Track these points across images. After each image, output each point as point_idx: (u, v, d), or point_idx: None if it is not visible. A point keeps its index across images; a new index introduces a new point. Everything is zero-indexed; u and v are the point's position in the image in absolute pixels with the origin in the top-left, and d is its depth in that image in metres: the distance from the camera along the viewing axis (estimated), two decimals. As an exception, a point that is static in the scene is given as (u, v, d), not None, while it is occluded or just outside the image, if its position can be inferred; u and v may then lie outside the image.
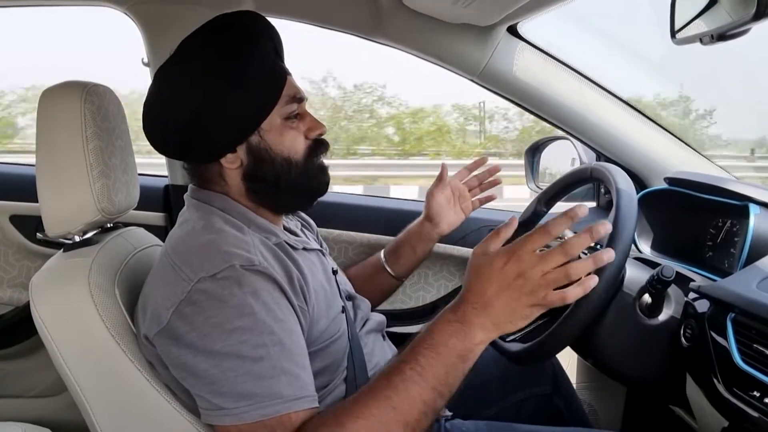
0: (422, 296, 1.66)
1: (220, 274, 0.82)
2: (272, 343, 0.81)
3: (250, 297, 0.82)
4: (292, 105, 0.95)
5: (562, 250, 0.77)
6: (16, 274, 1.58)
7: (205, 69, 0.89)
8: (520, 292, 0.78)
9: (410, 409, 0.78)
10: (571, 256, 0.77)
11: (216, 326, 0.81)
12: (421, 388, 0.79)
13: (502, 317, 0.79)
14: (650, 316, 1.06)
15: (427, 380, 0.79)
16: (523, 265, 0.78)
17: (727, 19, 0.84)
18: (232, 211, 0.94)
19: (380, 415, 0.78)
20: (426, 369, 0.79)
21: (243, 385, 0.80)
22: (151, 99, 0.93)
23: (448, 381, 0.80)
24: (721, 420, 0.95)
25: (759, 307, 0.89)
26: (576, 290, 0.78)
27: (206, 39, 0.92)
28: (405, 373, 0.79)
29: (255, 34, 0.93)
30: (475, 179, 1.34)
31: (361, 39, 1.49)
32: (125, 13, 1.43)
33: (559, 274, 0.77)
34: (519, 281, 0.78)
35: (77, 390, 0.94)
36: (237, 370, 0.80)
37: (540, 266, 0.77)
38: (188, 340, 0.82)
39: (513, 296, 0.78)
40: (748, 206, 1.14)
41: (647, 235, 1.42)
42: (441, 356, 0.79)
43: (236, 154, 0.93)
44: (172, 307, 0.83)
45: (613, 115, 1.50)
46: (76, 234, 1.01)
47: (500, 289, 0.78)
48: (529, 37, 1.47)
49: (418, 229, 1.31)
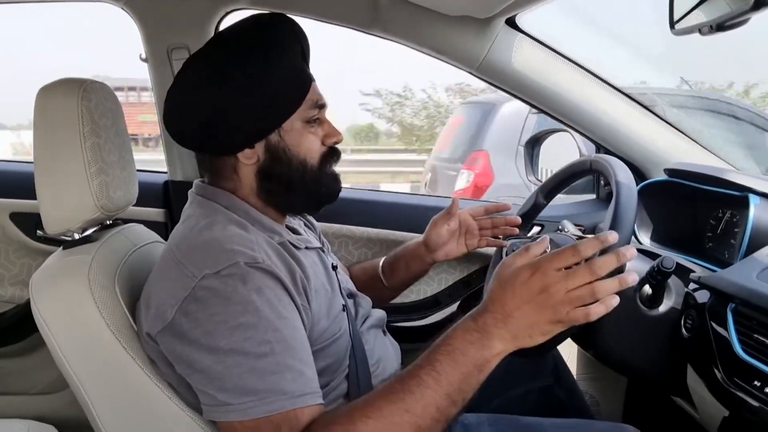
0: (423, 289, 1.66)
1: (225, 271, 0.82)
2: (276, 339, 0.82)
3: (254, 294, 0.82)
4: (314, 110, 0.96)
5: (589, 270, 0.76)
6: (17, 271, 1.59)
7: (235, 66, 0.90)
8: (543, 307, 0.77)
9: (423, 414, 0.78)
10: (597, 276, 0.76)
11: (220, 323, 0.81)
12: (436, 394, 0.78)
13: (521, 330, 0.79)
14: (651, 308, 1.06)
15: (442, 386, 0.78)
16: (548, 280, 0.77)
17: (726, 9, 0.84)
18: (236, 209, 0.95)
19: (392, 417, 0.78)
20: (442, 375, 0.78)
21: (247, 381, 0.80)
22: (177, 87, 0.94)
23: (462, 389, 0.79)
24: (722, 410, 0.95)
25: (759, 298, 0.89)
26: (599, 308, 0.76)
27: (238, 37, 0.94)
28: (420, 377, 0.79)
29: (286, 37, 0.94)
30: (489, 221, 1.29)
31: (359, 32, 1.49)
32: (122, 8, 1.42)
33: (584, 292, 0.76)
34: (542, 296, 0.77)
35: (79, 387, 0.94)
36: (241, 366, 0.80)
37: (565, 283, 0.76)
38: (193, 337, 0.82)
39: (535, 310, 0.77)
40: (748, 197, 1.14)
41: (647, 226, 1.42)
42: (458, 364, 0.79)
43: (254, 150, 0.94)
44: (177, 304, 0.83)
45: (612, 106, 1.50)
46: (76, 231, 1.01)
47: (523, 302, 0.78)
48: (527, 29, 1.46)
49: (414, 250, 1.29)
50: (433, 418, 0.78)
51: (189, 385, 0.88)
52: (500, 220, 1.28)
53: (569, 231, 1.30)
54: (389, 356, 1.11)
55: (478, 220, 1.28)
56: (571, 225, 1.33)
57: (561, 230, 1.31)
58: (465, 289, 1.64)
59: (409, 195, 1.78)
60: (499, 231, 1.28)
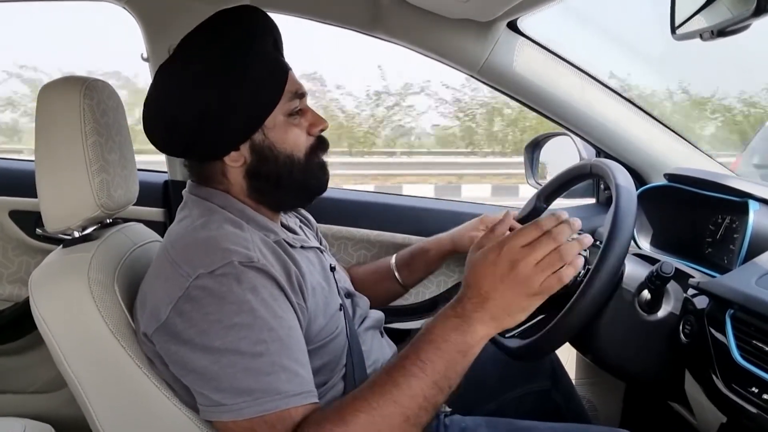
0: (421, 292, 1.66)
1: (219, 270, 0.82)
2: (271, 339, 0.81)
3: (249, 294, 0.82)
4: (294, 101, 0.95)
5: (550, 236, 0.78)
6: (16, 269, 1.58)
7: (207, 68, 0.89)
8: (516, 283, 0.78)
9: (411, 404, 0.78)
10: (559, 242, 0.79)
11: (215, 322, 0.81)
12: (422, 383, 0.79)
13: (500, 310, 0.80)
14: (649, 313, 1.06)
15: (428, 375, 0.79)
16: (515, 256, 0.78)
17: (728, 15, 0.84)
18: (232, 208, 0.94)
19: (381, 410, 0.78)
20: (426, 364, 0.79)
21: (242, 381, 0.80)
22: (153, 98, 0.93)
23: (448, 376, 0.80)
24: (720, 416, 0.95)
25: (758, 304, 0.89)
26: (569, 270, 0.79)
27: (207, 37, 0.92)
28: (406, 368, 0.80)
29: (255, 30, 0.92)
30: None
31: (360, 34, 1.49)
32: (124, 7, 1.42)
33: (552, 258, 0.78)
34: (513, 272, 0.78)
35: (77, 385, 0.94)
36: (236, 366, 0.80)
37: (532, 255, 0.78)
38: (187, 337, 0.82)
39: (509, 287, 0.79)
40: (748, 202, 1.14)
41: (646, 231, 1.42)
42: (441, 351, 0.80)
43: (240, 152, 0.93)
44: (171, 303, 0.83)
45: (612, 111, 1.50)
46: (76, 230, 1.01)
47: (495, 282, 0.79)
48: (529, 32, 1.47)
49: (439, 249, 1.33)
50: (420, 407, 0.79)
51: (184, 384, 0.88)
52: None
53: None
54: (386, 357, 1.11)
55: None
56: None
57: None
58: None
59: (408, 197, 1.78)
60: None
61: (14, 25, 10.39)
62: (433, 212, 1.65)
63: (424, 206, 1.68)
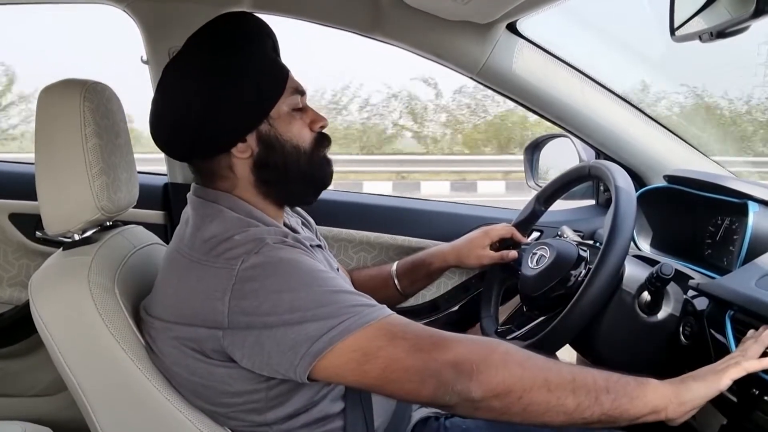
0: (422, 294, 1.65)
1: (260, 250, 0.85)
2: (335, 286, 0.86)
3: (297, 260, 0.86)
4: (296, 96, 0.98)
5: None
6: (16, 272, 1.58)
7: (210, 66, 0.91)
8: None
9: (564, 401, 0.81)
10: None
11: (280, 291, 0.83)
12: (591, 396, 0.82)
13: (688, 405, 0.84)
14: (649, 314, 1.06)
15: (600, 394, 0.82)
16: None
17: (727, 17, 0.84)
18: (239, 209, 0.95)
19: (540, 385, 0.81)
20: (610, 384, 0.84)
21: (337, 304, 0.83)
22: (158, 100, 0.95)
23: (609, 409, 0.82)
24: (720, 417, 0.95)
25: (758, 305, 0.89)
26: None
27: (207, 39, 0.94)
28: (597, 381, 0.83)
29: (254, 33, 0.96)
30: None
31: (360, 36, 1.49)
32: (124, 10, 1.43)
33: None
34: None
35: (77, 388, 0.94)
36: (323, 302, 0.83)
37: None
38: (263, 311, 0.82)
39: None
40: (747, 204, 1.14)
41: (646, 233, 1.42)
42: (630, 389, 0.84)
43: (246, 143, 0.95)
44: (225, 296, 0.83)
45: (612, 112, 1.50)
46: (76, 232, 1.01)
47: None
48: (528, 34, 1.47)
49: (441, 264, 1.34)
50: (565, 411, 0.81)
51: (193, 390, 0.89)
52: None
53: (568, 237, 1.30)
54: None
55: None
56: (570, 231, 1.33)
57: (560, 236, 1.31)
58: (464, 294, 1.64)
59: (407, 199, 1.78)
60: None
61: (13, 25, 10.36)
62: (433, 213, 1.66)
63: (423, 208, 1.68)
